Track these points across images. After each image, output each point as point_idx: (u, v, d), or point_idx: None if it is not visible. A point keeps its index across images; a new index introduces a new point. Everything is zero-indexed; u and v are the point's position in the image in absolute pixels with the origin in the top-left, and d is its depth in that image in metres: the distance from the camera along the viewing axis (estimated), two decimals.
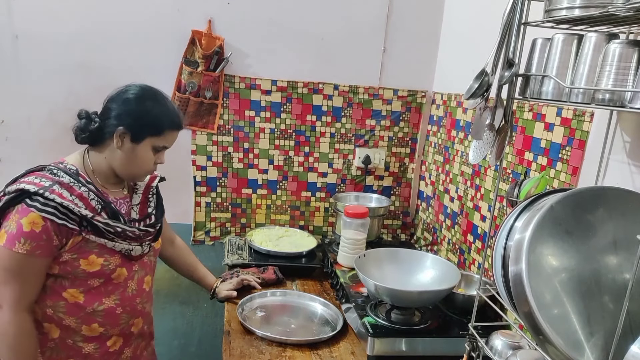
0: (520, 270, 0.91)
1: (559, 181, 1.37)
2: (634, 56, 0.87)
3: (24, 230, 1.21)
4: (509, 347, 1.12)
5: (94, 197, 1.28)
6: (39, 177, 1.25)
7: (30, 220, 1.21)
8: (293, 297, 1.77)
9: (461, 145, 1.97)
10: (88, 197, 1.27)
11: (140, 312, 1.44)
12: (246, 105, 2.15)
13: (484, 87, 1.09)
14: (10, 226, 1.22)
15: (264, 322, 1.61)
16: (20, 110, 2.00)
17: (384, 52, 2.20)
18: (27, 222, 1.21)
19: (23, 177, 1.27)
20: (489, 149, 1.13)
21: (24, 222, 1.21)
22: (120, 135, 1.30)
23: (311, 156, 2.26)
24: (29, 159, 2.04)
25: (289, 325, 1.60)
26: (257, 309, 1.68)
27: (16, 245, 1.21)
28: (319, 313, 1.70)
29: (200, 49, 2.00)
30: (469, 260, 1.86)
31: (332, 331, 1.54)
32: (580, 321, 0.88)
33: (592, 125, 1.26)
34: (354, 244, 1.88)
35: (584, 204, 0.95)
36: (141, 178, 1.42)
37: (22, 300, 1.25)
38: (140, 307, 1.44)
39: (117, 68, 2.02)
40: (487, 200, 1.75)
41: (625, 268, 0.91)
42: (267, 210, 2.29)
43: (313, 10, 2.11)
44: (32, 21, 1.93)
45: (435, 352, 1.43)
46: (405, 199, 2.39)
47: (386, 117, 2.26)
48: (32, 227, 1.21)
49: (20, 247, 1.21)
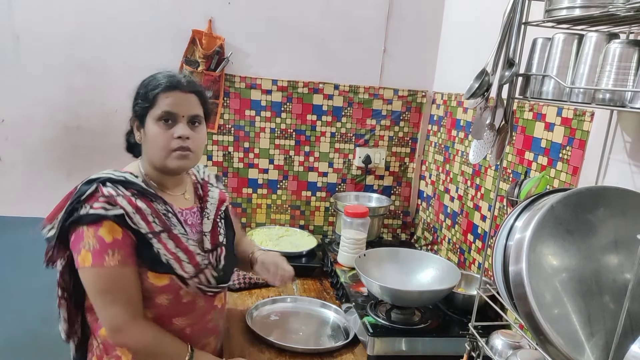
0: (520, 269, 0.91)
1: (559, 181, 1.37)
2: (634, 56, 0.87)
3: (107, 241, 1.11)
4: (509, 346, 1.12)
5: (159, 213, 1.18)
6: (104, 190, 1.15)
7: (108, 230, 1.11)
8: (304, 304, 1.73)
9: (461, 145, 1.97)
10: (156, 210, 1.18)
11: (212, 330, 1.32)
12: (246, 104, 2.15)
13: (485, 86, 1.09)
14: (89, 244, 1.11)
15: (273, 328, 1.58)
16: (20, 110, 2.00)
17: (384, 52, 2.20)
18: (105, 232, 1.11)
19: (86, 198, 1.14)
20: (489, 149, 1.13)
21: (103, 233, 1.11)
22: (137, 126, 1.25)
23: (311, 156, 2.26)
24: (29, 159, 2.06)
25: (297, 332, 1.58)
26: (269, 315, 1.65)
27: (106, 259, 1.11)
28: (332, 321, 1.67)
29: (201, 49, 2.00)
30: (469, 259, 1.86)
31: (343, 341, 1.50)
32: (581, 321, 0.88)
33: (592, 125, 1.26)
34: (354, 244, 1.88)
35: (585, 203, 0.95)
36: (170, 161, 1.21)
37: (136, 312, 1.17)
38: (212, 325, 1.32)
39: (117, 68, 2.02)
40: (488, 200, 1.75)
41: (625, 268, 0.91)
42: (267, 209, 2.29)
43: (313, 10, 2.11)
44: (32, 21, 1.93)
45: (435, 351, 1.43)
46: (406, 199, 2.39)
47: (386, 116, 2.26)
48: (114, 236, 1.12)
49: (111, 260, 1.11)
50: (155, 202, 1.19)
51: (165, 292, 1.20)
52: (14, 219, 2.09)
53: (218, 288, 1.28)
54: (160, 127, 1.20)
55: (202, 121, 1.27)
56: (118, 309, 1.15)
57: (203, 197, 1.36)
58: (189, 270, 1.20)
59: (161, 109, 1.19)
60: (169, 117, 1.20)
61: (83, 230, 1.12)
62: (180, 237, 1.20)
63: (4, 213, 2.08)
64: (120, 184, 1.16)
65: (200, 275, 1.22)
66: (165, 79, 1.21)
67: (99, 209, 1.11)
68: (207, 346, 1.33)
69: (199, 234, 1.30)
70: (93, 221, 1.11)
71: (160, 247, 1.16)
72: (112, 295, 1.14)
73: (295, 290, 1.85)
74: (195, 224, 1.30)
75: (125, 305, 1.15)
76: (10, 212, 2.08)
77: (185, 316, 1.25)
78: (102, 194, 1.13)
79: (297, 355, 1.43)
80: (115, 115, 2.06)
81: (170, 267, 1.17)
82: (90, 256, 1.11)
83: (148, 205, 1.17)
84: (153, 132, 1.20)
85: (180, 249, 1.20)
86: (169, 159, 1.21)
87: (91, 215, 1.11)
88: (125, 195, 1.15)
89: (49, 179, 2.07)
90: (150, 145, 1.22)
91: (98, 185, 1.14)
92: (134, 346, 1.19)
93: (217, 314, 1.34)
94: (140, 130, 1.24)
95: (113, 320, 1.16)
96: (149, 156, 1.24)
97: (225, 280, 1.32)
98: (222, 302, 1.37)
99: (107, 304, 1.15)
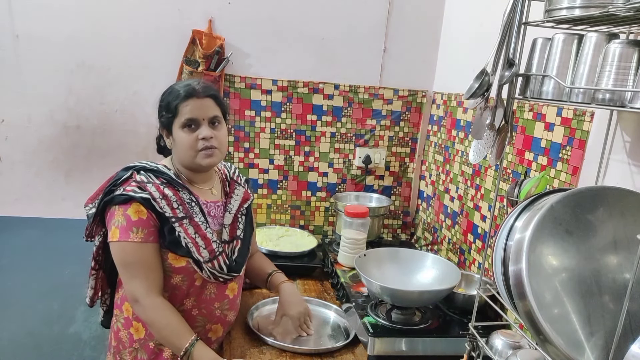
0: (520, 269, 0.91)
1: (559, 181, 1.37)
2: (634, 56, 0.87)
3: (133, 219, 1.27)
4: (509, 346, 1.12)
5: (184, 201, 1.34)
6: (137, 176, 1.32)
7: (135, 210, 1.27)
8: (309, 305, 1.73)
9: (461, 145, 1.97)
10: (181, 198, 1.33)
11: (219, 318, 1.42)
12: (247, 105, 2.15)
13: (484, 86, 1.09)
14: (118, 221, 1.28)
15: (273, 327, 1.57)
16: (21, 109, 2.00)
17: (385, 52, 2.20)
18: (132, 211, 1.27)
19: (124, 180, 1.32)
20: (489, 149, 1.13)
21: (130, 212, 1.27)
22: (166, 135, 1.40)
23: (311, 156, 2.26)
24: (29, 158, 2.06)
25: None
26: (270, 315, 1.64)
27: (130, 235, 1.27)
28: (332, 321, 1.66)
29: (201, 49, 2.00)
30: (469, 260, 1.86)
31: (343, 341, 1.49)
32: (581, 321, 0.88)
33: (592, 125, 1.26)
34: (355, 244, 1.88)
35: (584, 203, 0.95)
36: (200, 160, 1.36)
37: (152, 288, 1.30)
38: (219, 313, 1.42)
39: (117, 68, 2.02)
40: (488, 200, 1.75)
41: (625, 268, 0.91)
42: (267, 209, 2.29)
43: (313, 10, 2.11)
44: (32, 21, 1.94)
45: (435, 352, 1.43)
46: (406, 199, 2.39)
47: (386, 116, 2.26)
48: (139, 216, 1.27)
49: (135, 237, 1.27)
50: (181, 191, 1.35)
51: (181, 273, 1.34)
52: (14, 218, 2.09)
53: (229, 275, 1.41)
54: (185, 133, 1.35)
55: (222, 120, 1.41)
56: (137, 283, 1.29)
57: (229, 193, 1.51)
58: (204, 255, 1.34)
59: (184, 117, 1.34)
60: (192, 123, 1.35)
61: (115, 209, 1.30)
62: (200, 225, 1.35)
63: (3, 213, 2.08)
64: (152, 173, 1.33)
65: (214, 261, 1.36)
66: (182, 89, 1.35)
67: (129, 191, 1.28)
68: (211, 331, 1.42)
69: (220, 226, 1.44)
70: (123, 201, 1.28)
71: (182, 231, 1.31)
72: (134, 269, 1.29)
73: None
74: (217, 216, 1.44)
75: (144, 280, 1.29)
76: (9, 212, 2.08)
77: (194, 298, 1.37)
78: (135, 179, 1.31)
79: (297, 355, 1.43)
80: (115, 115, 2.07)
81: (188, 250, 1.32)
82: (118, 232, 1.28)
83: (174, 193, 1.33)
84: (180, 138, 1.35)
85: (199, 235, 1.34)
86: (197, 158, 1.36)
87: (122, 195, 1.28)
88: (155, 183, 1.31)
89: (49, 178, 2.08)
90: (180, 149, 1.37)
91: (133, 172, 1.32)
92: (145, 319, 1.32)
93: (227, 304, 1.44)
94: (169, 138, 1.39)
95: (133, 292, 1.30)
96: (180, 158, 1.39)
97: (237, 269, 1.43)
98: (235, 294, 1.47)
99: (129, 277, 1.31)
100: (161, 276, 1.32)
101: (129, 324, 1.38)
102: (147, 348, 1.37)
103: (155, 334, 1.33)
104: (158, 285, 1.32)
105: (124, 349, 1.39)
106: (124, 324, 1.39)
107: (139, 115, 2.08)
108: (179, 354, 1.28)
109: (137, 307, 1.31)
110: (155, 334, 1.33)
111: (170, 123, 1.36)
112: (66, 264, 2.14)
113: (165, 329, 1.30)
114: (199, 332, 1.38)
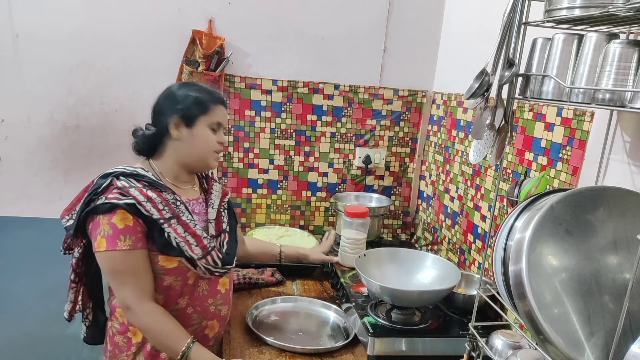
0: (520, 269, 0.91)
1: (559, 181, 1.37)
2: (634, 56, 0.87)
3: (119, 227, 1.25)
4: (509, 346, 1.12)
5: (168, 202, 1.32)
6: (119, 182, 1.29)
7: (120, 217, 1.25)
8: (305, 304, 1.73)
9: (461, 145, 1.97)
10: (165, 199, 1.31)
11: (213, 314, 1.43)
12: (246, 104, 2.15)
13: (484, 86, 1.09)
14: (104, 230, 1.26)
15: (272, 328, 1.58)
16: (20, 109, 2.00)
17: (385, 52, 2.20)
18: (118, 219, 1.25)
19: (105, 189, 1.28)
20: (489, 149, 1.13)
21: (116, 220, 1.25)
22: (176, 125, 1.36)
23: (311, 156, 2.26)
24: (29, 158, 2.06)
25: (297, 332, 1.57)
26: (269, 315, 1.65)
27: (118, 244, 1.25)
28: (332, 321, 1.66)
29: (201, 49, 2.00)
30: (469, 260, 1.86)
31: (343, 341, 1.50)
32: (581, 321, 0.88)
33: (592, 125, 1.26)
34: (354, 244, 1.88)
35: (584, 203, 0.95)
36: (212, 161, 1.42)
37: (143, 294, 1.29)
38: (213, 308, 1.42)
39: (117, 67, 2.02)
40: (488, 200, 1.75)
41: (625, 268, 0.91)
42: (267, 209, 2.29)
43: (313, 10, 2.11)
44: (32, 21, 1.94)
45: (435, 352, 1.43)
46: (406, 199, 2.39)
47: (386, 116, 2.26)
48: (126, 223, 1.26)
49: (123, 244, 1.25)
50: (164, 192, 1.33)
51: (174, 274, 1.33)
52: (13, 218, 2.09)
53: (224, 269, 1.42)
54: (210, 133, 1.38)
55: None
56: (128, 290, 1.29)
57: (207, 189, 1.52)
58: (197, 252, 1.34)
59: (216, 119, 1.39)
60: (218, 127, 1.41)
61: (99, 218, 1.27)
62: (188, 223, 1.34)
63: (2, 213, 2.08)
64: (132, 177, 1.31)
65: (208, 257, 1.36)
66: (217, 93, 1.42)
67: (112, 199, 1.26)
68: (207, 328, 1.43)
69: (205, 222, 1.45)
70: (107, 210, 1.26)
71: (171, 231, 1.30)
72: (124, 277, 1.28)
73: (295, 290, 1.85)
74: (201, 213, 1.45)
75: (134, 287, 1.28)
76: (8, 211, 2.08)
77: (188, 296, 1.37)
78: (116, 186, 1.28)
79: (297, 355, 1.43)
80: (115, 114, 2.07)
81: (180, 250, 1.31)
82: (105, 241, 1.26)
83: (158, 195, 1.31)
84: (205, 135, 1.37)
85: (189, 233, 1.33)
86: (211, 159, 1.41)
87: (106, 204, 1.26)
88: (137, 187, 1.29)
89: (48, 178, 2.08)
90: (197, 145, 1.37)
91: (112, 179, 1.29)
92: (139, 325, 1.32)
93: (220, 299, 1.44)
94: (181, 129, 1.36)
95: (124, 300, 1.30)
96: (188, 153, 1.39)
97: (230, 262, 1.45)
98: (226, 288, 1.47)
99: (119, 285, 1.30)
100: (151, 281, 1.31)
101: (125, 328, 1.36)
102: (145, 351, 1.36)
103: (151, 339, 1.33)
104: (149, 290, 1.30)
105: (120, 353, 1.38)
106: (119, 329, 1.38)
107: (139, 115, 2.07)
108: (176, 358, 1.28)
109: (130, 315, 1.31)
110: (150, 340, 1.33)
111: (195, 116, 1.35)
112: (65, 264, 2.12)
113: (160, 334, 1.29)
114: (196, 330, 1.38)
